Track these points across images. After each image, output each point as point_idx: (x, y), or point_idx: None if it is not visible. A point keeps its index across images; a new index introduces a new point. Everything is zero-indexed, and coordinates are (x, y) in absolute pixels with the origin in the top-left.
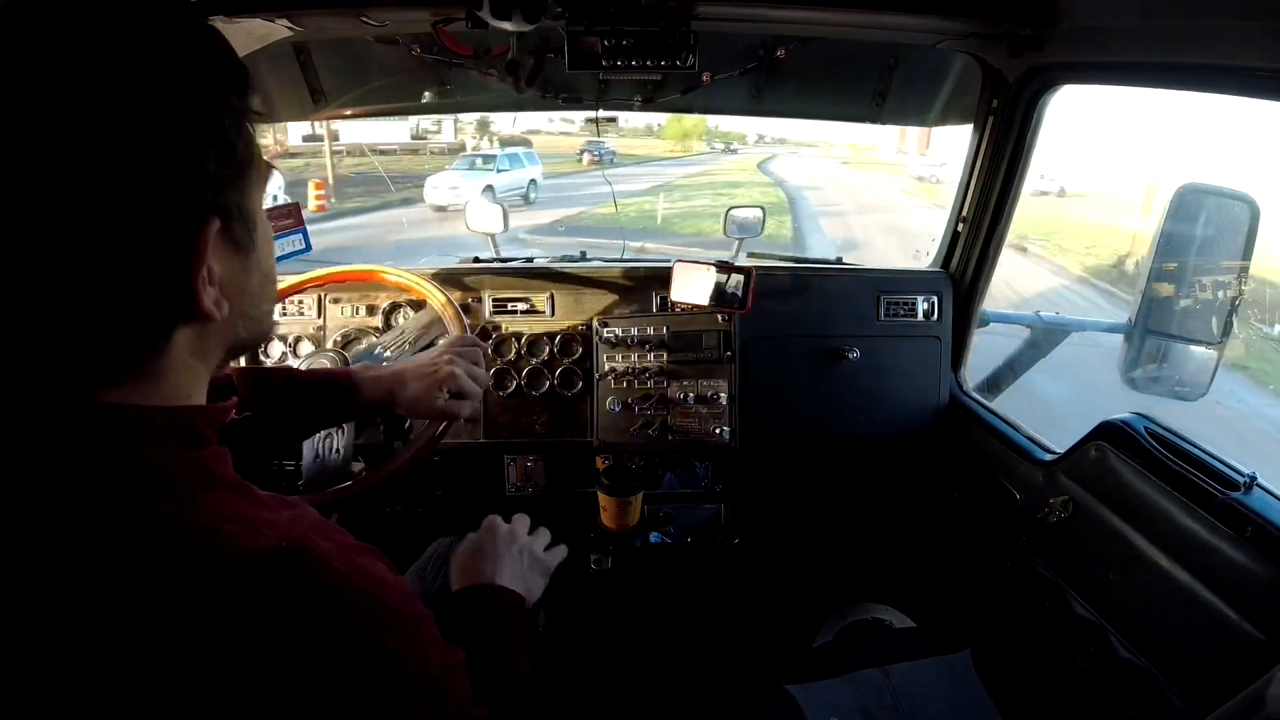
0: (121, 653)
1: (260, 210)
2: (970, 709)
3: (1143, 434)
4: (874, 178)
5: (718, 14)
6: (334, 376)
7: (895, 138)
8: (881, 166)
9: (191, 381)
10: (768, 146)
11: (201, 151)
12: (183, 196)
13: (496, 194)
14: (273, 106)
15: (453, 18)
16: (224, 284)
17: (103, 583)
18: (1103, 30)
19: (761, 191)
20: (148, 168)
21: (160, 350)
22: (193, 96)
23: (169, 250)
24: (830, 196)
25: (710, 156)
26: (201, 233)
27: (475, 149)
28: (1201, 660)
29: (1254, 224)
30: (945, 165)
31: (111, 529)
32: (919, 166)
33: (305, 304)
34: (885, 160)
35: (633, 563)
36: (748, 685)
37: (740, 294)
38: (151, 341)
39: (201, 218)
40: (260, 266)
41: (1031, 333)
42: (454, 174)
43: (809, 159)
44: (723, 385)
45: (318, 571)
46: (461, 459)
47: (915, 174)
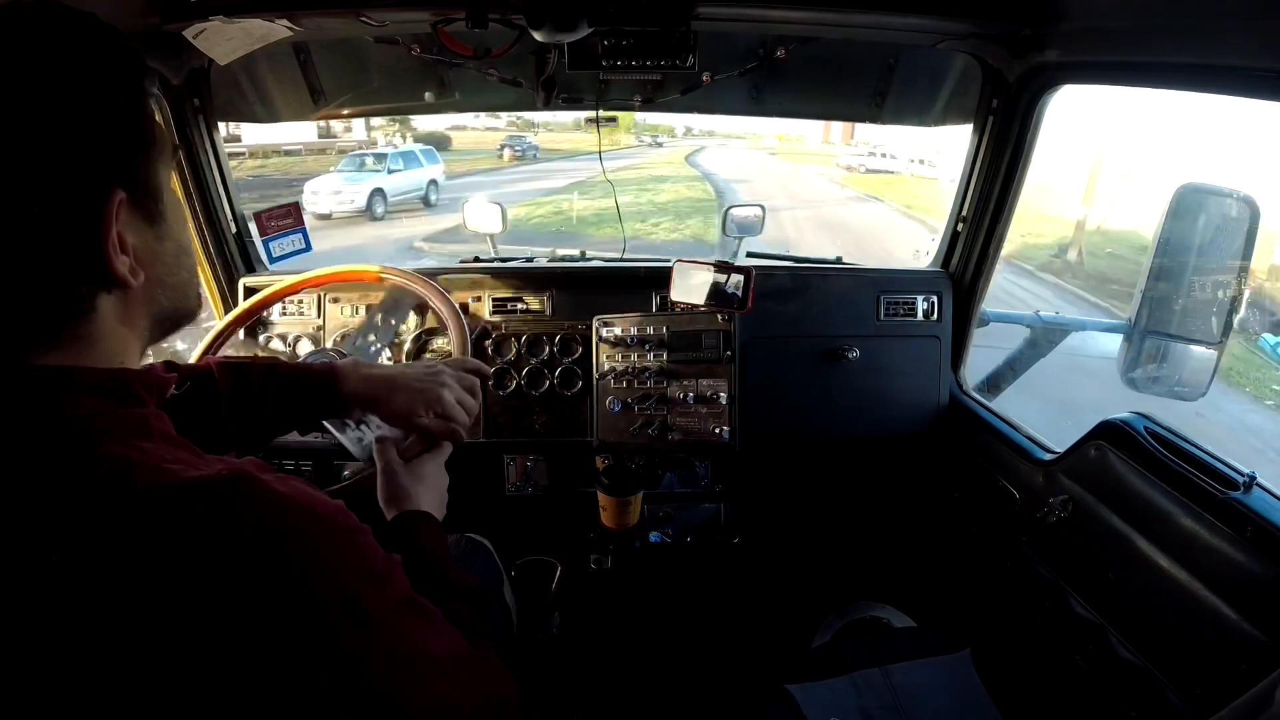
0: (75, 582)
1: (168, 186)
2: (970, 709)
3: (1142, 434)
4: (803, 169)
5: (718, 14)
6: (315, 371)
7: (821, 129)
8: (810, 157)
9: (123, 348)
10: (696, 139)
11: (102, 131)
12: (87, 170)
13: (388, 198)
14: (273, 106)
15: (452, 18)
16: (138, 253)
17: (49, 518)
18: (1103, 30)
19: (688, 186)
20: (51, 147)
21: (86, 316)
22: (90, 85)
23: (78, 218)
24: (760, 190)
25: (638, 150)
26: (106, 202)
27: (392, 147)
28: (1201, 660)
29: (1254, 224)
30: (873, 155)
31: (52, 470)
32: (847, 156)
33: (305, 304)
34: (813, 151)
35: (633, 562)
36: (748, 685)
37: (740, 294)
38: (74, 306)
39: (107, 189)
40: (172, 236)
41: (1031, 333)
42: (336, 177)
43: (737, 151)
44: (723, 385)
45: (259, 489)
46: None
47: (843, 164)
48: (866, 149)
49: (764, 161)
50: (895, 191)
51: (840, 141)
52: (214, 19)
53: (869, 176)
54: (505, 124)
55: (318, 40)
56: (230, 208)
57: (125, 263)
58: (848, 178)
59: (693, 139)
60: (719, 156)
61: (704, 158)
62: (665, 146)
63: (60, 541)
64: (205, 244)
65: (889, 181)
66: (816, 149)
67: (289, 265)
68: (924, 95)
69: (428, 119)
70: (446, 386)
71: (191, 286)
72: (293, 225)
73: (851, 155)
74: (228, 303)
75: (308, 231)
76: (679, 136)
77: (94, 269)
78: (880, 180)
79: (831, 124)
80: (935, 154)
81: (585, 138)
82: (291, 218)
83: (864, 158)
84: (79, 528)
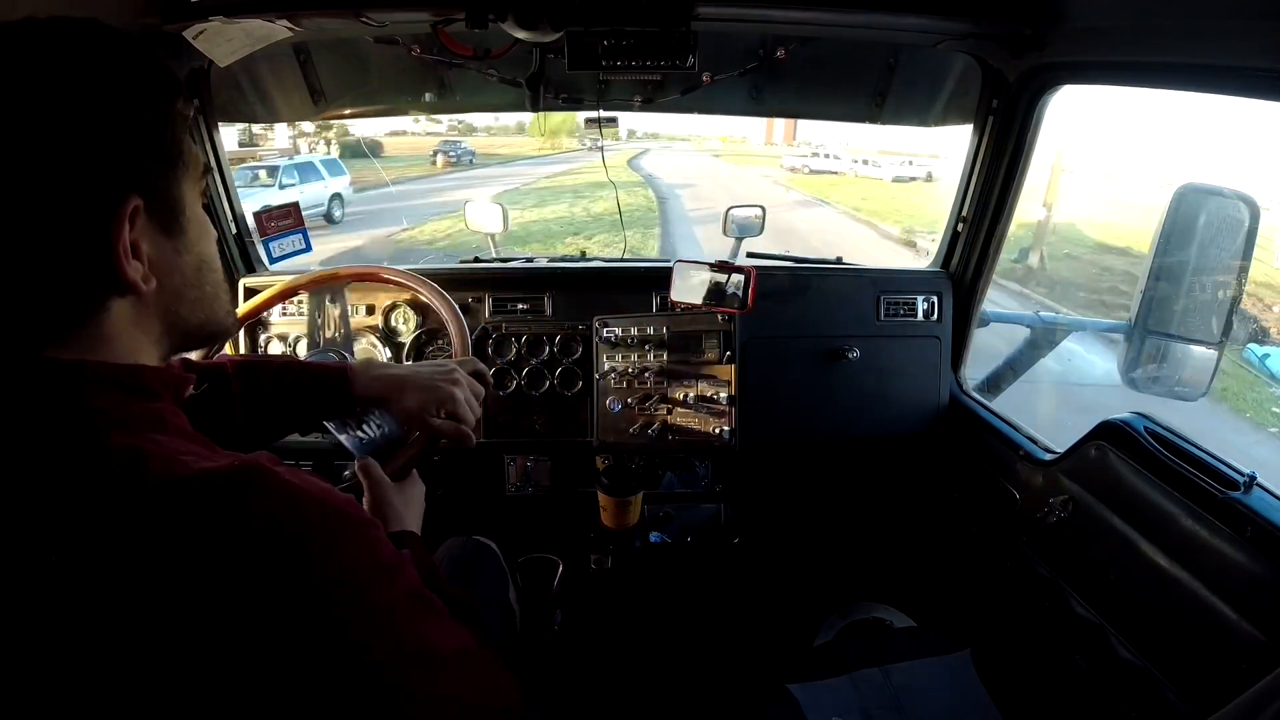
0: (87, 571)
1: (193, 202)
2: (970, 709)
3: (1142, 434)
4: (747, 170)
5: (718, 14)
6: (328, 370)
7: (764, 130)
8: (754, 159)
9: (136, 349)
10: (640, 141)
11: (123, 140)
12: (103, 175)
13: None
14: (273, 107)
15: (452, 18)
16: (153, 261)
17: (61, 507)
18: (1103, 30)
19: (628, 192)
20: (72, 149)
21: (98, 316)
22: (116, 97)
23: (90, 219)
24: (705, 194)
25: (581, 154)
26: (120, 206)
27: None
28: (1201, 660)
29: (1254, 224)
30: (816, 156)
31: (65, 460)
32: (790, 158)
33: (305, 304)
34: (756, 152)
35: (633, 563)
36: (748, 684)
37: (740, 294)
38: (87, 305)
39: (122, 195)
40: (193, 251)
41: (1032, 333)
42: None
43: (682, 153)
44: (723, 385)
45: (272, 481)
46: (461, 459)
47: (787, 165)
48: (809, 149)
49: (708, 164)
50: (840, 193)
51: (783, 142)
52: (214, 19)
53: (813, 178)
54: (447, 128)
55: (318, 40)
56: (230, 208)
57: (137, 269)
58: (792, 179)
59: (637, 141)
60: (663, 160)
61: (647, 161)
62: (607, 150)
63: (73, 531)
64: None
65: (833, 183)
66: (760, 150)
67: (289, 265)
68: (924, 95)
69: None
70: (459, 385)
71: (218, 302)
72: (293, 225)
73: (795, 156)
74: None
75: (308, 232)
76: (623, 139)
77: (104, 271)
78: (825, 181)
79: (774, 125)
80: (877, 153)
81: (527, 141)
82: (291, 218)
83: (807, 159)
84: (92, 517)
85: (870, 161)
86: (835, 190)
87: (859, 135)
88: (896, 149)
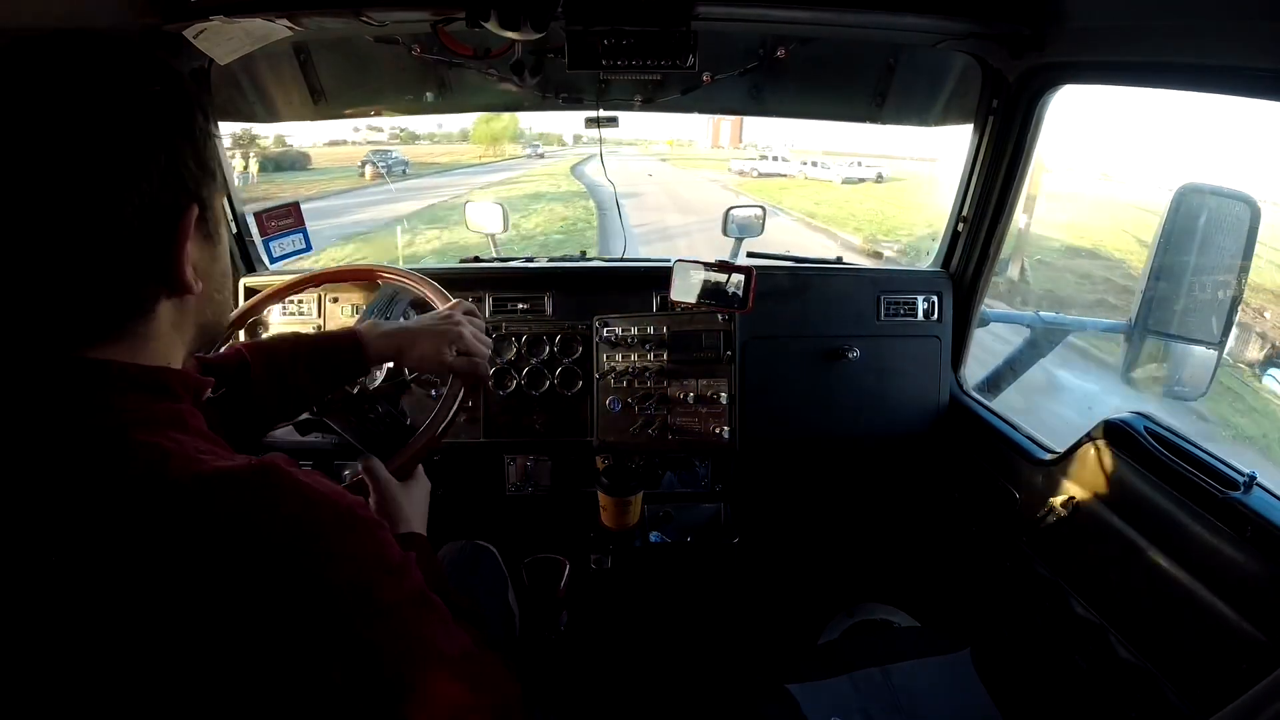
0: (107, 564)
1: (223, 212)
2: (970, 708)
3: (1142, 434)
4: (694, 175)
5: (718, 14)
6: (339, 337)
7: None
8: (701, 162)
9: (171, 351)
10: (587, 147)
11: (182, 155)
12: (170, 187)
13: None
14: (273, 106)
15: (452, 17)
16: (197, 266)
17: (85, 502)
18: (1103, 30)
19: (566, 205)
20: (144, 166)
21: (146, 317)
22: (175, 117)
23: (162, 225)
24: (651, 203)
25: (523, 161)
26: (184, 215)
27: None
28: (1201, 660)
29: (1254, 224)
30: (765, 159)
31: (89, 456)
32: (739, 161)
33: (305, 303)
34: (704, 155)
35: (633, 562)
36: (748, 684)
37: (740, 294)
38: (138, 306)
39: (186, 204)
40: (222, 258)
41: (1032, 332)
42: None
43: (629, 158)
44: (723, 385)
45: (286, 480)
46: (461, 458)
47: (736, 169)
48: (757, 152)
49: (655, 169)
50: (793, 198)
51: (730, 144)
52: (214, 19)
53: (763, 181)
54: (388, 136)
55: (318, 40)
56: (230, 208)
57: (190, 272)
58: (742, 183)
59: (584, 147)
60: (608, 165)
61: (592, 168)
62: (548, 157)
63: (96, 525)
64: None
65: (783, 186)
66: (708, 153)
67: (289, 265)
68: (924, 95)
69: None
70: (462, 325)
71: (229, 306)
72: (293, 225)
73: (744, 159)
74: None
75: (308, 232)
76: (569, 144)
77: (165, 273)
78: (774, 185)
79: (720, 126)
80: (823, 154)
81: (467, 149)
82: (292, 218)
83: (755, 161)
84: (114, 513)
85: (819, 164)
86: (787, 195)
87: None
88: (844, 150)
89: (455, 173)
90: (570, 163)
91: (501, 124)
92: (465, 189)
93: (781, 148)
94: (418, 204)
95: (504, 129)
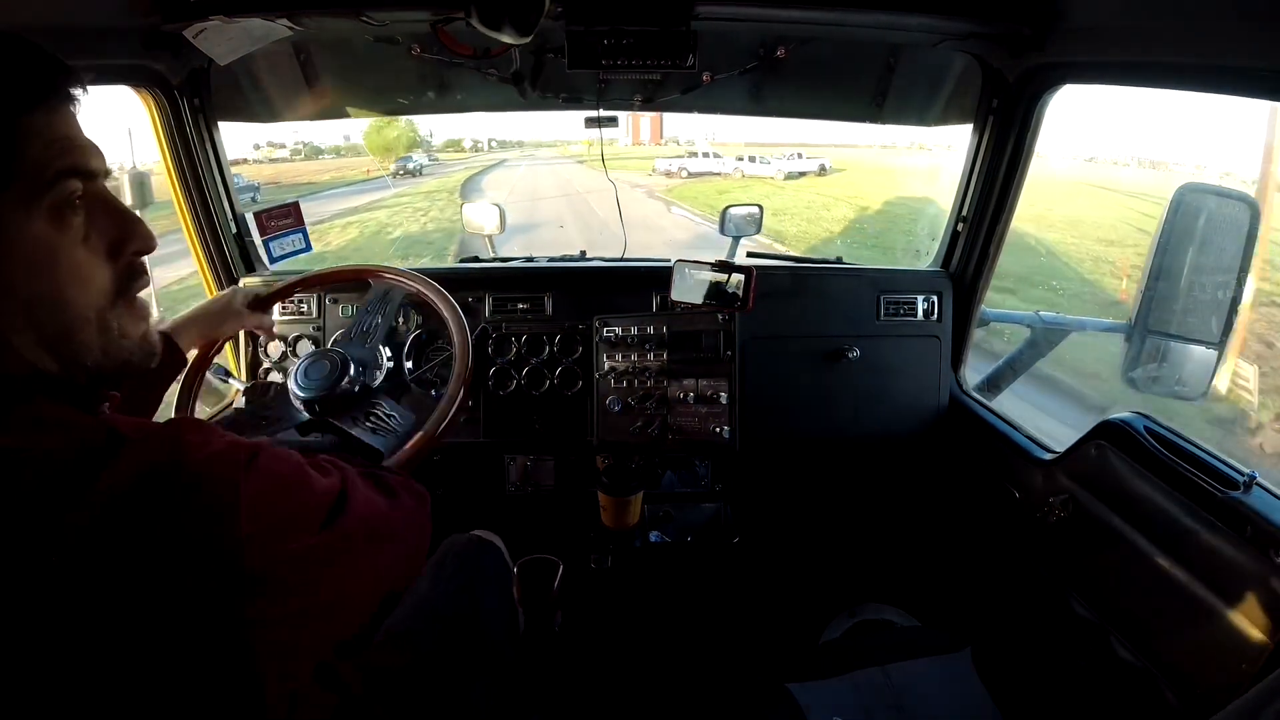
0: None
1: (24, 230)
2: (970, 708)
3: (1142, 433)
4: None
5: (718, 14)
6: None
7: (629, 128)
8: (622, 163)
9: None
10: (501, 151)
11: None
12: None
13: None
14: (273, 106)
15: (452, 17)
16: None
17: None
18: (1103, 30)
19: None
20: None
21: None
22: None
23: None
24: (551, 236)
25: (385, 181)
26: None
27: None
28: (1201, 660)
29: (1254, 224)
30: (694, 155)
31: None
32: (665, 160)
33: (305, 303)
34: (625, 154)
35: (633, 562)
36: (748, 684)
37: (741, 293)
38: None
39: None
40: (16, 293)
41: (1032, 332)
42: None
43: (545, 162)
44: (723, 385)
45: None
46: (461, 458)
47: (661, 170)
48: (686, 149)
49: (573, 175)
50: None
51: (650, 140)
52: (214, 19)
53: (695, 183)
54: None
55: (318, 40)
56: (230, 208)
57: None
58: (671, 188)
59: (501, 151)
60: (514, 176)
61: (494, 179)
62: (425, 175)
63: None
64: (205, 244)
65: (720, 189)
66: (628, 150)
67: (289, 265)
68: (924, 95)
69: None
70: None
71: (85, 344)
72: (293, 225)
73: (670, 158)
74: None
75: (308, 232)
76: (485, 150)
77: None
78: (710, 188)
79: (639, 122)
80: (765, 148)
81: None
82: (292, 218)
83: (684, 159)
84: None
85: (755, 158)
86: (726, 199)
87: (728, 129)
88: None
89: (321, 196)
90: (472, 171)
91: (396, 132)
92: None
93: (704, 142)
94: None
95: (398, 137)
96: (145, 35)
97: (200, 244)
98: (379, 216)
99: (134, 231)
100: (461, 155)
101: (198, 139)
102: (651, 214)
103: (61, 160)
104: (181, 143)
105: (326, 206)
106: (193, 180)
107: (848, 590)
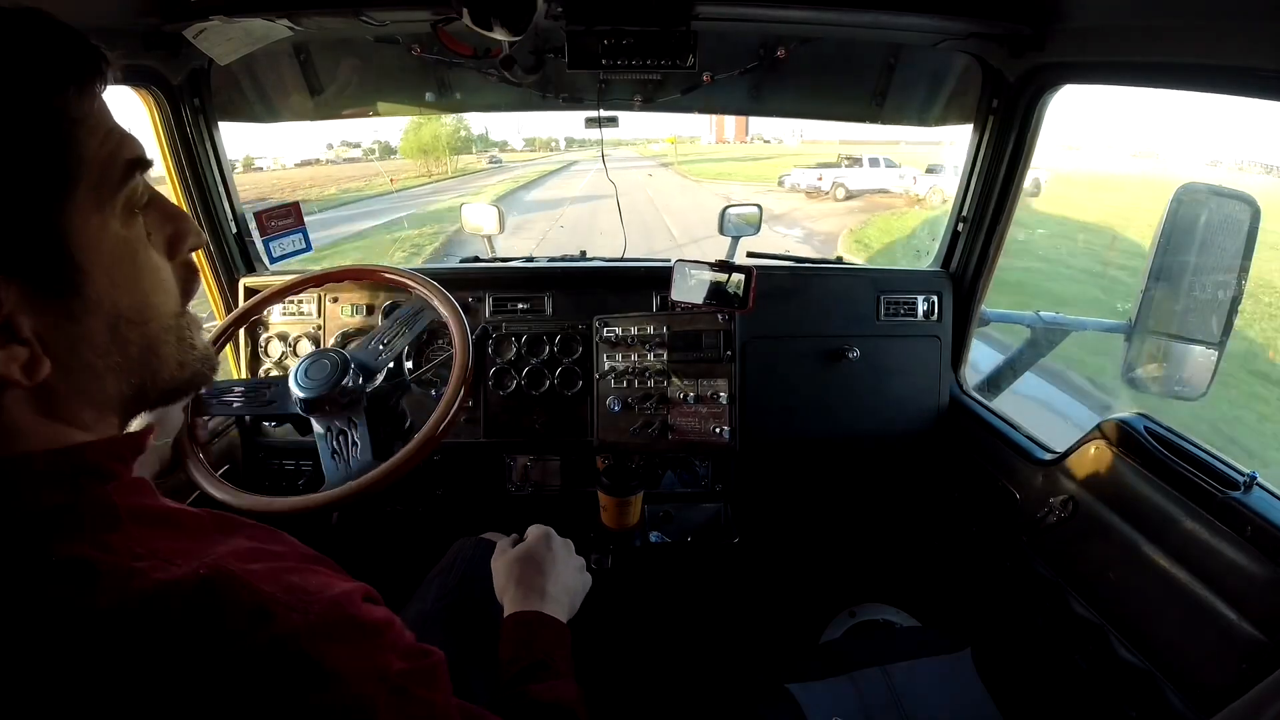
0: (37, 704)
1: (102, 235)
2: (970, 708)
3: (1142, 433)
4: (714, 193)
5: (718, 14)
6: None
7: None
8: (718, 169)
9: (60, 437)
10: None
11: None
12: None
13: None
14: (273, 106)
15: (452, 17)
16: (43, 337)
17: (6, 640)
18: (1103, 30)
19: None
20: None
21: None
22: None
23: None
24: None
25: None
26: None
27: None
28: (1201, 660)
29: (1254, 224)
30: (853, 165)
31: (8, 581)
32: (803, 172)
33: (305, 303)
34: (714, 154)
35: (633, 562)
36: (749, 684)
37: (741, 293)
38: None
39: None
40: (102, 307)
41: (1032, 332)
42: None
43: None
44: (723, 385)
45: (238, 593)
46: (462, 458)
47: (796, 184)
48: (842, 155)
49: (657, 184)
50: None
51: (735, 139)
52: (214, 19)
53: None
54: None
55: (318, 40)
56: (230, 208)
57: (21, 355)
58: (854, 229)
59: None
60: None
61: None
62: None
63: (20, 665)
64: (205, 244)
65: (904, 222)
66: (711, 148)
67: (289, 265)
68: (924, 95)
69: None
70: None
71: (159, 359)
72: (293, 225)
73: (807, 168)
74: (228, 303)
75: (308, 231)
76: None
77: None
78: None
79: (724, 119)
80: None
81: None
82: (292, 217)
83: (835, 169)
84: (40, 652)
85: (937, 168)
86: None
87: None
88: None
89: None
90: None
91: (432, 131)
92: None
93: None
94: None
95: (436, 137)
96: (145, 35)
97: None
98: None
99: (189, 227)
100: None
101: (198, 139)
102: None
103: (122, 152)
104: (182, 143)
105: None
106: (193, 180)
107: (848, 590)
